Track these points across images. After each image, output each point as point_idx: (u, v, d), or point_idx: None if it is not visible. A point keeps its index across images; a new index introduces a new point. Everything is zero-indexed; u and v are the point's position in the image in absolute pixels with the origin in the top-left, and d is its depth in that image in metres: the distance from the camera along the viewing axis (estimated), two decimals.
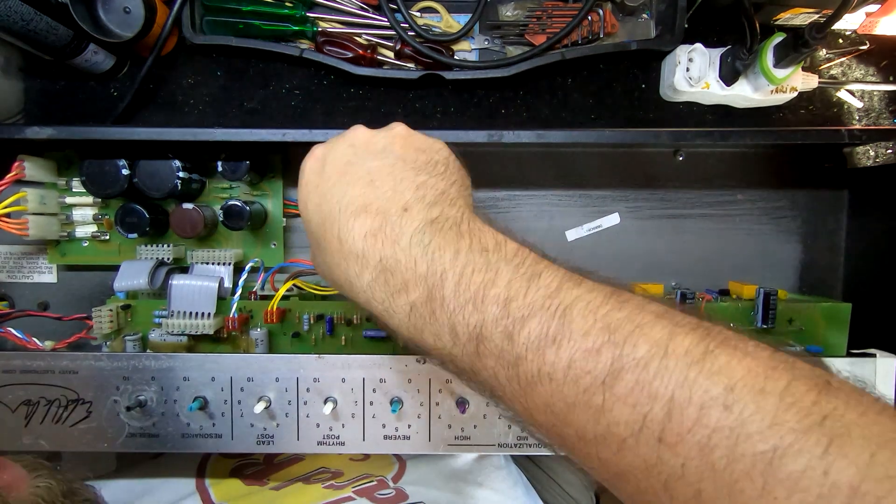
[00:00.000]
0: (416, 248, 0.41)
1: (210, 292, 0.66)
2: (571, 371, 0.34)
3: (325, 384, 0.59)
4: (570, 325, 0.35)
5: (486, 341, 0.38)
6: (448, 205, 0.44)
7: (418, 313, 0.41)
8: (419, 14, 0.75)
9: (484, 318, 0.38)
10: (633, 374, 0.33)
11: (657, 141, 0.68)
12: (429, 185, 0.45)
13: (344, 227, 0.44)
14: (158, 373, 0.59)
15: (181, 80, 0.77)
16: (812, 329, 0.70)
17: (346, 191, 0.45)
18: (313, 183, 0.48)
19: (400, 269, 0.41)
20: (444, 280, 0.39)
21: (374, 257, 0.42)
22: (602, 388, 0.33)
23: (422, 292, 0.40)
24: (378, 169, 0.45)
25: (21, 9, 0.61)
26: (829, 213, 0.78)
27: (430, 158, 0.47)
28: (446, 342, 0.40)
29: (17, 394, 0.59)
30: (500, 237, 0.42)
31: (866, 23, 0.71)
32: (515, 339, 0.36)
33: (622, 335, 0.34)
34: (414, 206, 0.43)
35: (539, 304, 0.36)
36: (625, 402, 0.33)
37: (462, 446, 0.60)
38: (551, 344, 0.35)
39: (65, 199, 0.70)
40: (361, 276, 0.43)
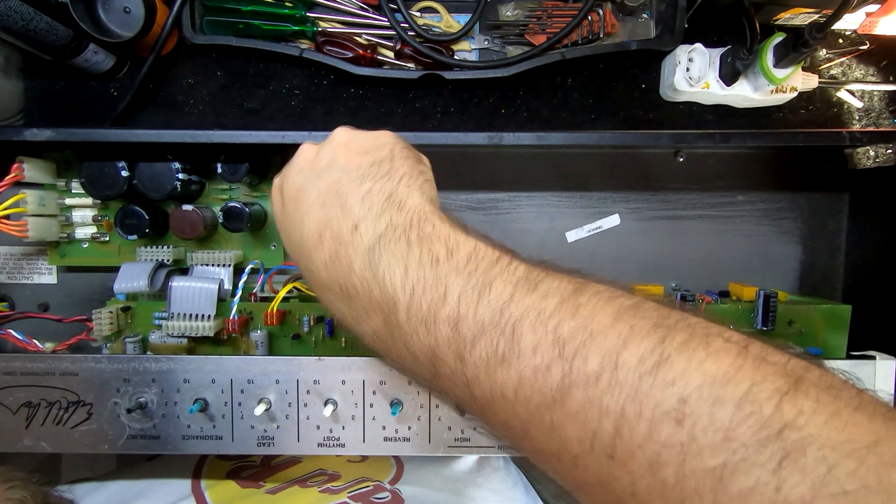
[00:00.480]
0: (367, 271, 0.41)
1: (210, 294, 0.66)
2: (522, 390, 0.34)
3: (326, 386, 0.59)
4: (518, 342, 0.34)
5: (441, 364, 0.38)
6: (396, 210, 0.43)
7: (380, 338, 0.42)
8: (419, 14, 0.75)
9: (437, 340, 0.37)
10: (583, 390, 0.32)
11: (658, 143, 0.68)
12: (374, 192, 0.44)
13: (310, 260, 0.45)
14: (159, 375, 0.59)
15: (181, 80, 0.77)
16: (812, 331, 0.70)
17: (303, 220, 0.46)
18: (280, 219, 0.50)
19: (358, 296, 0.42)
20: (396, 305, 0.39)
21: (336, 286, 0.43)
22: (553, 405, 0.33)
23: (379, 319, 0.41)
24: (326, 189, 0.46)
25: (21, 9, 0.61)
26: (830, 214, 0.79)
27: (373, 159, 0.47)
28: (408, 363, 0.41)
29: (17, 396, 0.59)
30: (452, 241, 0.40)
31: (866, 23, 0.71)
32: (467, 360, 0.36)
33: (572, 348, 0.33)
34: (362, 221, 0.43)
35: (488, 321, 0.36)
36: (574, 419, 0.32)
37: (462, 448, 0.60)
38: (501, 363, 0.35)
39: (64, 200, 0.70)
40: (334, 304, 0.45)
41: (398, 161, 0.47)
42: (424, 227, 0.41)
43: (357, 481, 0.68)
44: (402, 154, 0.48)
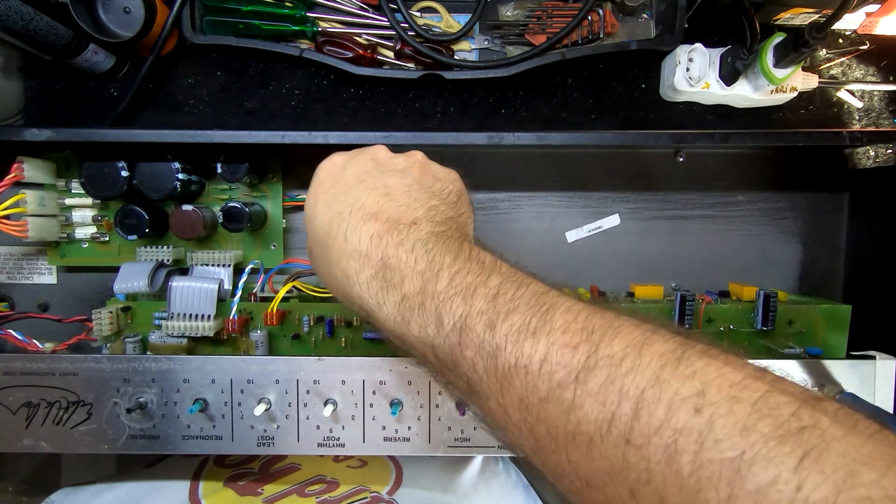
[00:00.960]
0: (419, 249, 0.43)
1: (210, 294, 0.66)
2: (546, 364, 0.35)
3: (325, 386, 0.59)
4: (551, 321, 0.36)
5: (469, 331, 0.38)
6: (454, 228, 0.47)
7: (408, 304, 0.42)
8: (419, 14, 0.75)
9: (470, 309, 0.39)
10: (606, 370, 0.33)
11: (658, 143, 0.68)
12: (439, 210, 0.47)
13: (352, 228, 0.46)
14: (158, 375, 0.59)
15: (181, 80, 0.77)
16: (812, 331, 0.70)
17: (360, 196, 0.47)
18: (328, 183, 0.51)
19: (400, 266, 0.43)
20: (439, 275, 0.41)
21: (376, 255, 0.44)
22: (575, 382, 0.34)
23: (416, 285, 0.42)
24: (395, 185, 0.48)
25: (21, 9, 0.61)
26: (830, 214, 0.79)
27: (444, 188, 0.50)
28: (430, 332, 0.41)
29: (17, 396, 0.59)
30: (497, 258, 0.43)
31: (866, 23, 0.71)
32: (497, 330, 0.37)
33: (599, 334, 0.34)
34: (423, 221, 0.45)
35: (525, 301, 0.38)
36: (595, 398, 0.33)
37: (462, 448, 0.61)
38: (530, 336, 0.36)
39: (64, 200, 0.70)
40: (361, 273, 0.45)
41: (464, 200, 0.52)
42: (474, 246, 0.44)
43: (355, 491, 0.68)
44: (467, 199, 0.52)
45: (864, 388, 0.61)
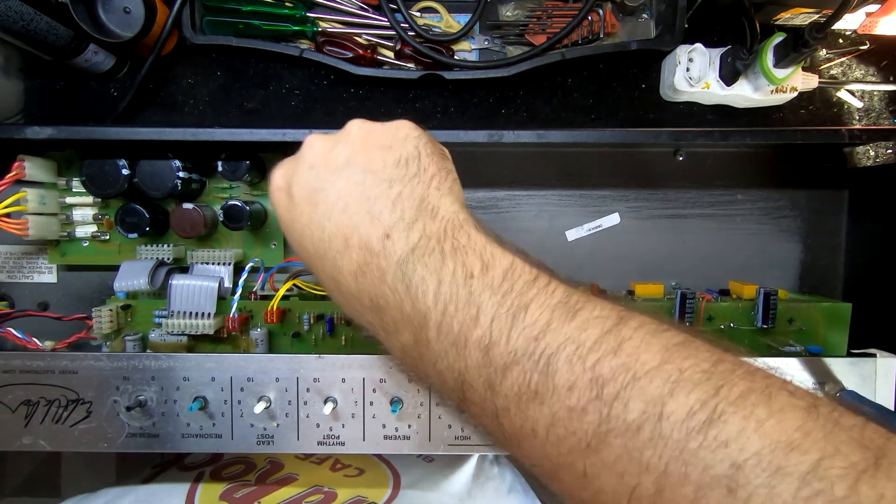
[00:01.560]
0: (399, 283, 0.38)
1: (210, 292, 0.66)
2: (554, 430, 0.32)
3: (326, 384, 0.59)
4: (553, 377, 0.32)
5: (470, 389, 0.36)
6: (429, 217, 0.40)
7: (410, 354, 0.40)
8: (419, 14, 0.75)
9: (467, 364, 0.35)
10: (622, 439, 0.29)
11: (657, 141, 0.68)
12: (405, 197, 0.41)
13: (334, 268, 0.42)
14: (158, 373, 0.59)
15: (181, 80, 0.77)
16: (812, 329, 0.70)
17: (322, 225, 0.42)
18: (287, 220, 0.46)
19: (389, 309, 0.39)
20: (426, 321, 0.37)
21: (366, 296, 0.40)
22: (587, 451, 0.30)
23: (409, 335, 0.39)
24: (347, 191, 0.42)
25: (21, 9, 0.61)
26: (830, 212, 0.79)
27: (397, 157, 0.43)
28: (436, 384, 0.39)
29: (16, 394, 0.59)
30: (488, 255, 0.38)
31: (866, 23, 0.71)
32: (497, 390, 0.34)
33: (612, 390, 0.30)
34: (394, 229, 0.40)
35: (522, 350, 0.33)
36: (611, 469, 0.30)
37: (462, 446, 0.60)
38: (533, 398, 0.32)
39: (65, 199, 0.70)
40: (363, 315, 0.42)
41: (425, 159, 0.44)
42: (459, 237, 0.39)
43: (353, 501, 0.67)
44: (428, 150, 0.45)
45: (865, 386, 0.61)
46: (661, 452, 0.28)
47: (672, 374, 0.29)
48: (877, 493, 0.24)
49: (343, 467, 0.68)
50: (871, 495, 0.24)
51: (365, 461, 0.69)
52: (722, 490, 0.26)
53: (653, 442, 0.28)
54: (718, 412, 0.28)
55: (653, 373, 0.30)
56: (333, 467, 0.69)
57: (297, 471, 0.69)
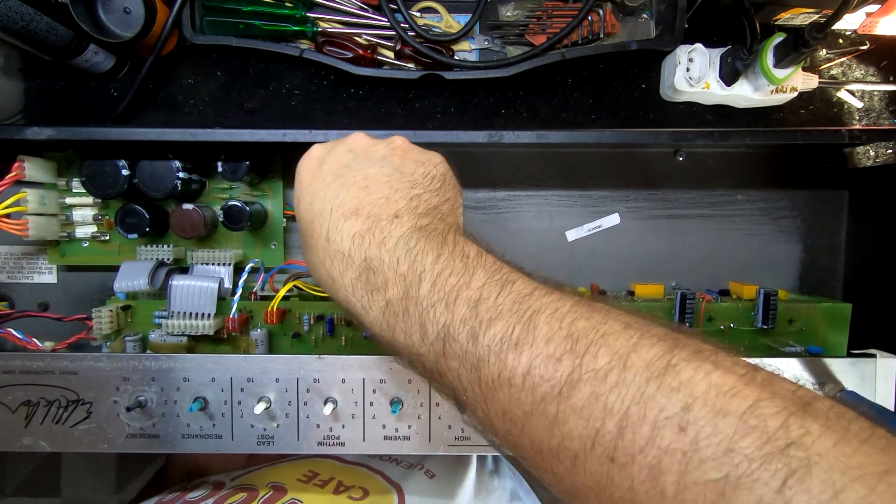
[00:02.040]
0: (400, 249, 0.41)
1: (210, 293, 0.66)
2: (530, 377, 0.34)
3: (325, 385, 0.59)
4: (534, 330, 0.35)
5: (452, 341, 0.38)
6: (438, 219, 0.45)
7: (392, 310, 0.41)
8: (419, 14, 0.75)
9: (453, 317, 0.38)
10: (590, 385, 0.32)
11: (657, 141, 0.68)
12: (422, 199, 0.46)
13: (333, 227, 0.44)
14: (158, 373, 0.59)
15: (181, 80, 0.77)
16: (812, 329, 0.70)
17: (339, 192, 0.46)
18: (307, 181, 0.49)
19: (383, 268, 0.41)
20: (421, 279, 0.40)
21: (359, 256, 0.43)
22: (558, 397, 0.33)
23: (399, 290, 0.41)
24: (375, 176, 0.46)
25: (21, 9, 0.61)
26: (830, 213, 0.79)
27: (427, 172, 0.48)
28: (415, 340, 0.40)
29: (17, 394, 0.59)
30: (483, 250, 0.42)
31: (866, 23, 0.71)
32: (480, 340, 0.36)
33: (584, 344, 0.33)
34: (405, 214, 0.44)
35: (507, 308, 0.36)
36: (579, 414, 0.32)
37: (462, 446, 0.60)
38: (514, 347, 0.35)
39: (65, 199, 0.70)
40: (345, 275, 0.44)
41: (448, 184, 0.49)
42: (459, 236, 0.43)
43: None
44: (452, 182, 0.50)
45: (865, 386, 0.61)
46: (624, 396, 0.31)
47: (634, 336, 0.33)
48: (804, 429, 0.27)
49: (346, 489, 0.66)
50: (799, 431, 0.27)
51: (368, 481, 0.68)
52: (674, 428, 0.29)
53: (617, 387, 0.31)
54: (673, 363, 0.31)
55: (618, 332, 0.34)
56: (337, 490, 0.67)
57: (301, 496, 0.66)
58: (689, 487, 0.28)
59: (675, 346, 0.32)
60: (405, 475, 0.70)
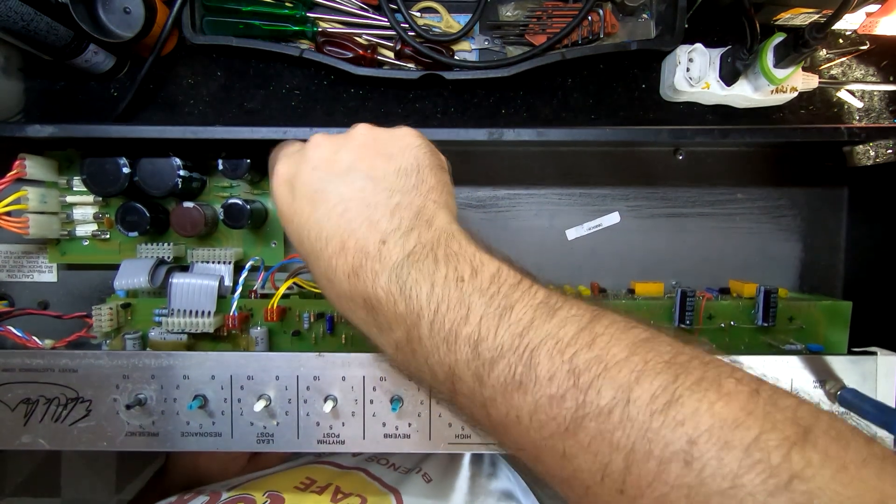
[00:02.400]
0: (393, 286, 0.40)
1: (210, 291, 0.66)
2: (536, 416, 0.34)
3: (326, 382, 0.59)
4: (535, 368, 0.35)
5: (460, 382, 0.38)
6: (425, 227, 0.43)
7: (402, 351, 0.42)
8: (419, 14, 0.75)
9: (457, 358, 0.38)
10: (595, 422, 0.32)
11: (657, 138, 0.68)
12: (403, 207, 0.43)
13: (329, 267, 0.43)
14: (158, 371, 0.59)
15: (181, 80, 0.78)
16: (813, 327, 0.70)
17: (322, 224, 0.44)
18: (287, 214, 0.47)
19: (382, 308, 0.41)
20: (419, 320, 0.39)
21: (359, 297, 0.42)
22: (565, 434, 0.33)
23: (402, 332, 0.40)
24: (349, 196, 0.44)
25: (21, 9, 0.61)
26: (829, 211, 0.79)
27: (399, 166, 0.46)
28: (427, 379, 0.41)
29: (16, 392, 0.58)
30: (477, 261, 0.40)
31: (866, 23, 0.71)
32: (485, 382, 0.36)
33: (587, 380, 0.33)
34: (391, 237, 0.42)
35: (507, 345, 0.36)
36: (587, 450, 0.32)
37: (462, 445, 0.60)
38: (518, 388, 0.35)
39: (65, 197, 0.70)
40: (355, 313, 0.44)
41: (424, 171, 0.46)
42: (451, 245, 0.41)
43: None
44: (427, 162, 0.47)
45: (866, 384, 0.61)
46: (629, 433, 0.31)
47: (637, 365, 0.33)
48: (805, 460, 0.28)
49: (345, 496, 0.66)
50: (801, 462, 0.28)
51: (366, 487, 0.67)
52: (680, 463, 0.29)
53: (622, 423, 0.31)
54: (676, 396, 0.31)
55: (621, 363, 0.33)
56: (335, 497, 0.66)
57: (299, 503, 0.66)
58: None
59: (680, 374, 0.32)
60: (402, 479, 0.70)
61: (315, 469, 0.70)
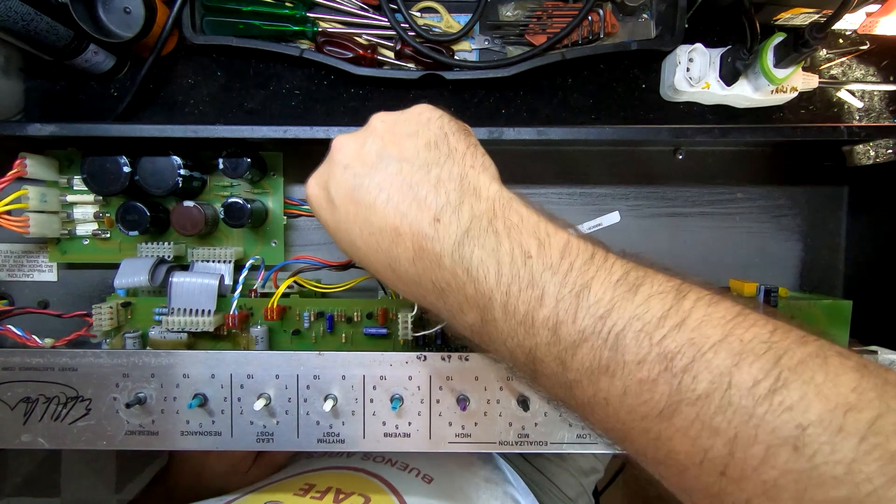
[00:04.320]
0: (458, 267, 0.38)
1: (210, 290, 0.66)
2: (626, 400, 0.33)
3: (325, 381, 0.59)
4: (623, 353, 0.33)
5: (541, 363, 0.37)
6: (473, 196, 0.41)
7: (478, 332, 0.40)
8: (419, 14, 0.76)
9: (536, 342, 0.36)
10: (693, 408, 0.31)
11: (657, 138, 0.68)
12: (444, 179, 0.41)
13: (390, 258, 0.42)
14: (158, 370, 0.58)
15: (181, 80, 0.78)
16: (813, 326, 0.69)
17: (370, 219, 0.42)
18: (333, 224, 0.46)
19: (451, 291, 0.39)
20: (492, 303, 0.37)
21: (427, 281, 0.41)
22: (659, 418, 0.32)
23: (476, 315, 0.39)
24: (388, 182, 0.42)
25: (21, 9, 0.61)
26: (829, 210, 0.79)
27: (427, 140, 0.44)
28: (507, 360, 0.40)
29: (16, 391, 0.58)
30: (542, 232, 0.38)
31: (866, 23, 0.71)
32: (568, 365, 0.35)
33: (680, 364, 0.31)
34: (442, 212, 0.40)
35: (590, 329, 0.34)
36: (684, 434, 0.31)
37: (463, 444, 0.60)
38: (604, 372, 0.33)
39: (66, 196, 0.70)
40: (426, 298, 0.42)
41: (452, 138, 0.44)
42: (510, 216, 0.40)
43: None
44: (452, 128, 0.45)
45: None
46: (731, 418, 0.30)
47: (735, 346, 0.31)
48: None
49: (346, 496, 0.64)
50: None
51: (366, 486, 0.67)
52: (789, 448, 0.28)
53: (722, 409, 0.30)
54: (781, 380, 0.30)
55: (717, 346, 0.31)
56: (337, 498, 0.65)
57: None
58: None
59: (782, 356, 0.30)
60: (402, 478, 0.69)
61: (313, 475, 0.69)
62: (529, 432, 0.60)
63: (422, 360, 0.59)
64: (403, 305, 0.67)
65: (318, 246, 0.78)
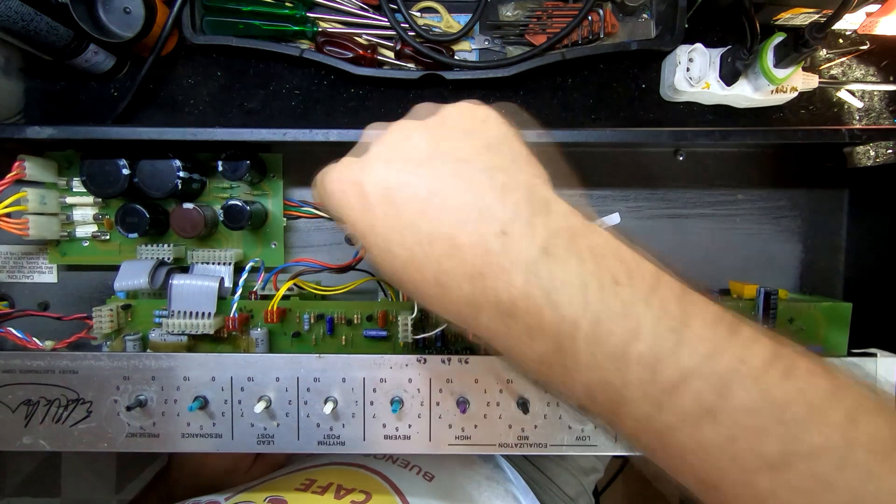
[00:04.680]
0: (533, 288, 0.33)
1: (210, 292, 0.66)
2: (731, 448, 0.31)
3: (326, 384, 0.59)
4: (730, 398, 0.30)
5: (629, 404, 0.33)
6: (543, 210, 0.35)
7: (547, 364, 0.35)
8: (419, 14, 0.75)
9: (626, 379, 0.32)
10: (808, 463, 0.29)
11: (658, 140, 0.68)
12: (510, 188, 0.36)
13: (440, 272, 0.36)
14: (158, 372, 0.59)
15: (181, 80, 0.77)
16: (813, 328, 0.70)
17: (418, 226, 0.36)
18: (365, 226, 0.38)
19: (520, 315, 0.34)
20: (575, 331, 0.33)
21: (487, 302, 0.35)
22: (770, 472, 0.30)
23: (549, 344, 0.34)
24: (442, 185, 0.36)
25: (21, 9, 0.61)
26: (830, 212, 0.79)
27: (486, 142, 0.38)
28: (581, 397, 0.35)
29: (16, 394, 0.59)
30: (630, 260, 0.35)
31: (866, 23, 0.71)
32: (665, 407, 0.32)
33: (793, 416, 0.30)
34: (511, 226, 0.34)
35: (693, 369, 0.31)
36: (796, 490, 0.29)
37: (462, 446, 0.60)
38: (709, 418, 0.31)
39: (65, 198, 0.70)
40: (478, 318, 0.36)
41: (513, 142, 0.39)
42: (592, 238, 0.35)
43: None
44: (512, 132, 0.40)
45: None
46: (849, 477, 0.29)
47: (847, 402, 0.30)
48: None
49: (347, 492, 0.64)
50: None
51: (367, 482, 0.67)
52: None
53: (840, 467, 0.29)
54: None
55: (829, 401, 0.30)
56: (338, 494, 0.64)
57: None
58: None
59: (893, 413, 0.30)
60: (402, 475, 0.70)
61: (314, 471, 0.69)
62: (529, 434, 0.60)
63: (422, 363, 0.59)
64: (403, 308, 0.67)
65: (318, 248, 0.78)
